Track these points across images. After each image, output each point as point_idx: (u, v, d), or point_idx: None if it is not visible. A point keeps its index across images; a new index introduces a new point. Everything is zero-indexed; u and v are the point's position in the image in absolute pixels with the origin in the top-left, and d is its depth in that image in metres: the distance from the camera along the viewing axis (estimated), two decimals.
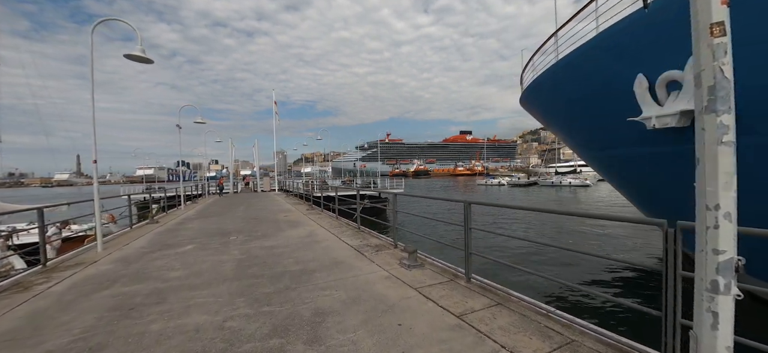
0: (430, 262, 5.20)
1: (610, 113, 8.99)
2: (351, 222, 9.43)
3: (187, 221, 10.76)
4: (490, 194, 51.61)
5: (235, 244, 6.93)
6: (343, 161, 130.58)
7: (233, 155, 32.10)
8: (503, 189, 59.17)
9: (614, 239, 15.23)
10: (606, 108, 9.06)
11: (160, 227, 9.78)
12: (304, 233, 7.92)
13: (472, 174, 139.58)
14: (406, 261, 4.98)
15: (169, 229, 9.32)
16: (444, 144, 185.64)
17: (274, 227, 8.91)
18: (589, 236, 15.73)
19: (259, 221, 10.29)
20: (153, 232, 8.84)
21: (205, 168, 48.87)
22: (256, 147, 32.96)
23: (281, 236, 7.62)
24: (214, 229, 8.99)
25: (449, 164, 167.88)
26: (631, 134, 8.84)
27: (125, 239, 8.00)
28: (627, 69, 8.16)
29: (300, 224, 9.48)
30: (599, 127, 9.99)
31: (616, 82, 8.33)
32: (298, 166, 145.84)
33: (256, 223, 9.83)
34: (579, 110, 10.31)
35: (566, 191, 48.41)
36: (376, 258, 5.48)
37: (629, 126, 8.14)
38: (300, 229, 8.60)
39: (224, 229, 8.92)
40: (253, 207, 14.72)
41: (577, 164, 71.10)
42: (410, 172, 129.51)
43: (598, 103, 9.25)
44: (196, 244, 7.06)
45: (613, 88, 8.46)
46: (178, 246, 6.91)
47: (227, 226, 9.44)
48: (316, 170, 75.84)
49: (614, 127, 9.11)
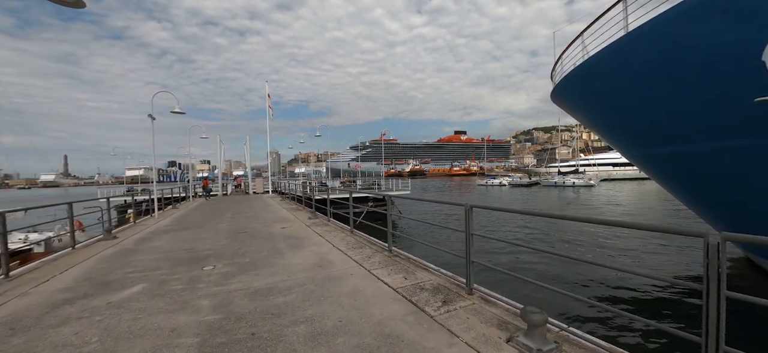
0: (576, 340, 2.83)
1: (706, 93, 6.88)
2: (372, 239, 7.04)
3: (153, 237, 8.23)
4: (492, 195, 49.59)
5: (209, 283, 4.49)
6: (336, 161, 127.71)
7: (222, 153, 29.37)
8: (504, 190, 57.26)
9: (633, 251, 12.96)
10: (702, 87, 6.91)
11: (115, 244, 7.27)
12: (313, 260, 5.50)
13: (469, 174, 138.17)
14: (526, 344, 2.60)
15: (125, 250, 6.82)
16: (439, 144, 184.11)
17: (269, 249, 6.46)
18: (612, 249, 13.39)
19: (248, 236, 7.83)
20: (97, 257, 6.32)
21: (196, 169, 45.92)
22: (247, 144, 30.24)
23: (279, 266, 5.20)
24: (184, 251, 6.50)
25: (444, 164, 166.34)
26: (731, 123, 6.96)
27: (53, 268, 5.48)
28: (753, 33, 6.04)
29: (304, 241, 7.05)
30: (676, 114, 7.97)
31: (731, 52, 6.26)
32: (292, 166, 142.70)
33: (244, 240, 7.38)
34: (648, 95, 8.22)
35: (570, 192, 46.60)
36: (452, 323, 3.10)
37: (724, 113, 6.77)
38: (305, 251, 6.17)
39: (199, 251, 6.44)
40: (242, 214, 12.21)
41: (578, 163, 69.54)
42: (405, 172, 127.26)
43: (687, 81, 7.11)
44: (148, 283, 4.60)
45: (724, 59, 6.36)
46: (119, 288, 4.44)
47: (204, 245, 6.96)
48: (311, 171, 73.10)
49: (702, 114, 7.21)
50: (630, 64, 8.10)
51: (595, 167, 72.82)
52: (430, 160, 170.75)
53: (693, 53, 6.68)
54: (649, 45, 7.44)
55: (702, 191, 9.28)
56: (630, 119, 9.59)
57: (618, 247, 13.34)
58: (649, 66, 7.63)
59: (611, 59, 8.64)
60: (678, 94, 7.47)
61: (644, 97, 8.36)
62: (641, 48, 7.63)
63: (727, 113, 6.91)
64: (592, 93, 10.04)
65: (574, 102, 11.60)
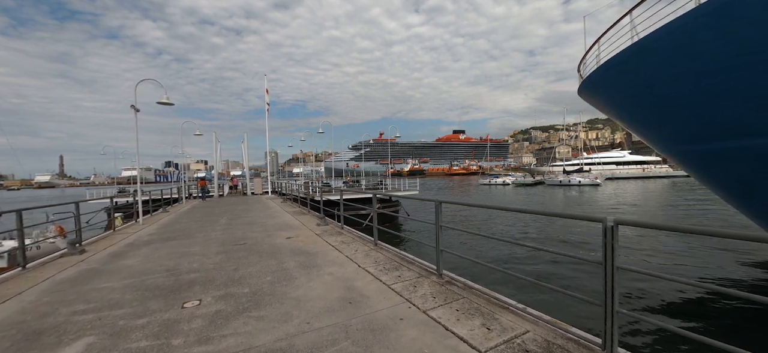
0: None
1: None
2: (407, 254, 5.54)
3: (129, 251, 6.69)
4: (497, 195, 48.22)
5: (189, 337, 2.97)
6: (335, 161, 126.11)
7: (219, 151, 27.75)
8: (508, 189, 55.91)
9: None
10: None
11: (79, 262, 5.73)
12: (338, 290, 3.99)
13: (468, 174, 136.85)
14: None
15: (88, 271, 5.28)
16: (438, 143, 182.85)
17: (275, 270, 4.95)
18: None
19: (247, 250, 6.30)
20: (48, 282, 4.77)
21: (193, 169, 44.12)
22: (245, 142, 28.56)
23: (292, 301, 3.69)
24: (163, 273, 4.98)
25: (442, 163, 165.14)
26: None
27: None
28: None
29: (318, 258, 5.54)
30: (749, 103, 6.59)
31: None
32: (290, 166, 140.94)
33: (242, 256, 5.86)
34: (724, 79, 6.81)
35: (578, 191, 45.26)
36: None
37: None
38: (323, 274, 4.67)
39: (182, 274, 4.92)
40: (240, 220, 10.68)
41: (583, 162, 68.32)
42: (405, 171, 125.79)
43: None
44: (97, 335, 3.07)
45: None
46: (52, 346, 2.93)
47: (190, 263, 5.44)
48: (309, 170, 71.48)
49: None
50: (701, 43, 6.68)
51: (599, 166, 71.76)
52: (429, 159, 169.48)
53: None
54: (734, 20, 6.01)
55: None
56: (694, 108, 8.17)
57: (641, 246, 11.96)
58: (728, 46, 6.22)
59: (674, 38, 7.21)
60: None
61: (719, 81, 6.93)
62: (719, 23, 6.22)
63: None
64: (641, 81, 8.58)
65: (614, 92, 10.17)
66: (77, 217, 7.48)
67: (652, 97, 8.80)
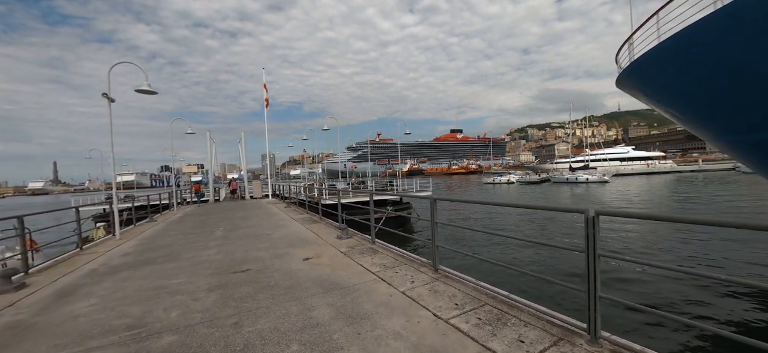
0: None
1: None
2: (484, 285, 3.70)
3: (86, 286, 4.77)
4: (502, 194, 46.57)
5: None
6: (333, 162, 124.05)
7: (213, 152, 25.73)
8: (514, 187, 54.26)
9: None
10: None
11: (6, 307, 3.85)
12: None
13: (467, 173, 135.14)
14: None
15: (8, 326, 3.41)
16: (436, 143, 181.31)
17: (302, 328, 3.05)
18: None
19: (252, 284, 4.41)
20: None
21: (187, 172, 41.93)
22: (242, 141, 26.54)
23: None
24: (120, 336, 3.09)
25: (441, 163, 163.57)
26: None
27: None
28: None
29: (363, 300, 3.66)
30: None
31: None
32: (287, 168, 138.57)
33: (244, 295, 3.98)
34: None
35: (587, 188, 43.65)
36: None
37: None
38: (387, 341, 2.78)
39: (151, 337, 3.03)
40: (239, 231, 8.79)
41: (588, 159, 66.87)
42: (404, 171, 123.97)
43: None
44: None
45: None
46: None
47: (167, 314, 3.55)
48: (306, 172, 69.55)
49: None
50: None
51: (604, 162, 70.42)
52: (427, 159, 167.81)
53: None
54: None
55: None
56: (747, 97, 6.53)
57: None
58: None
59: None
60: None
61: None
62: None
63: None
64: (730, 57, 6.78)
65: (662, 80, 8.46)
66: (22, 235, 5.58)
67: (747, 75, 6.91)
